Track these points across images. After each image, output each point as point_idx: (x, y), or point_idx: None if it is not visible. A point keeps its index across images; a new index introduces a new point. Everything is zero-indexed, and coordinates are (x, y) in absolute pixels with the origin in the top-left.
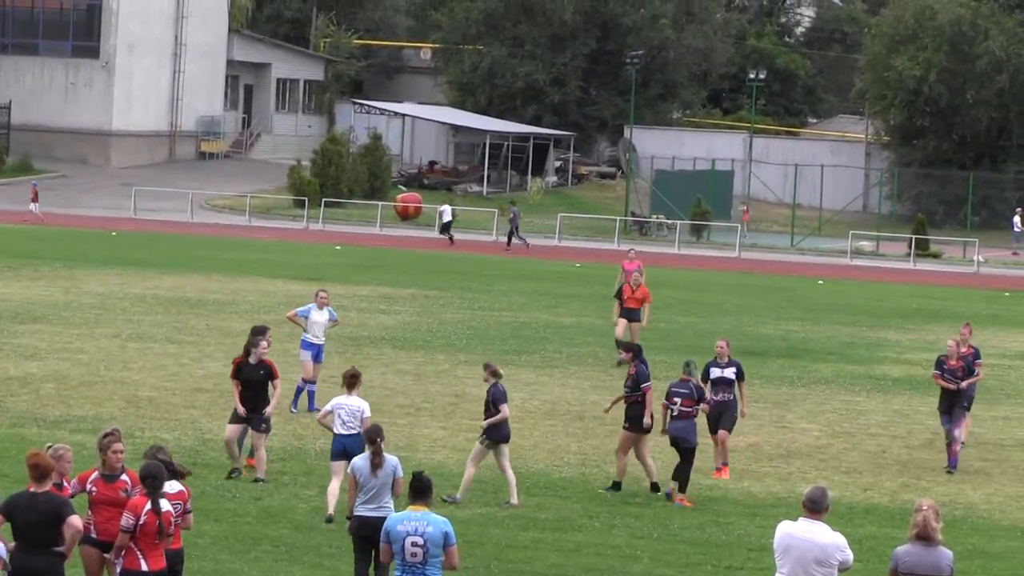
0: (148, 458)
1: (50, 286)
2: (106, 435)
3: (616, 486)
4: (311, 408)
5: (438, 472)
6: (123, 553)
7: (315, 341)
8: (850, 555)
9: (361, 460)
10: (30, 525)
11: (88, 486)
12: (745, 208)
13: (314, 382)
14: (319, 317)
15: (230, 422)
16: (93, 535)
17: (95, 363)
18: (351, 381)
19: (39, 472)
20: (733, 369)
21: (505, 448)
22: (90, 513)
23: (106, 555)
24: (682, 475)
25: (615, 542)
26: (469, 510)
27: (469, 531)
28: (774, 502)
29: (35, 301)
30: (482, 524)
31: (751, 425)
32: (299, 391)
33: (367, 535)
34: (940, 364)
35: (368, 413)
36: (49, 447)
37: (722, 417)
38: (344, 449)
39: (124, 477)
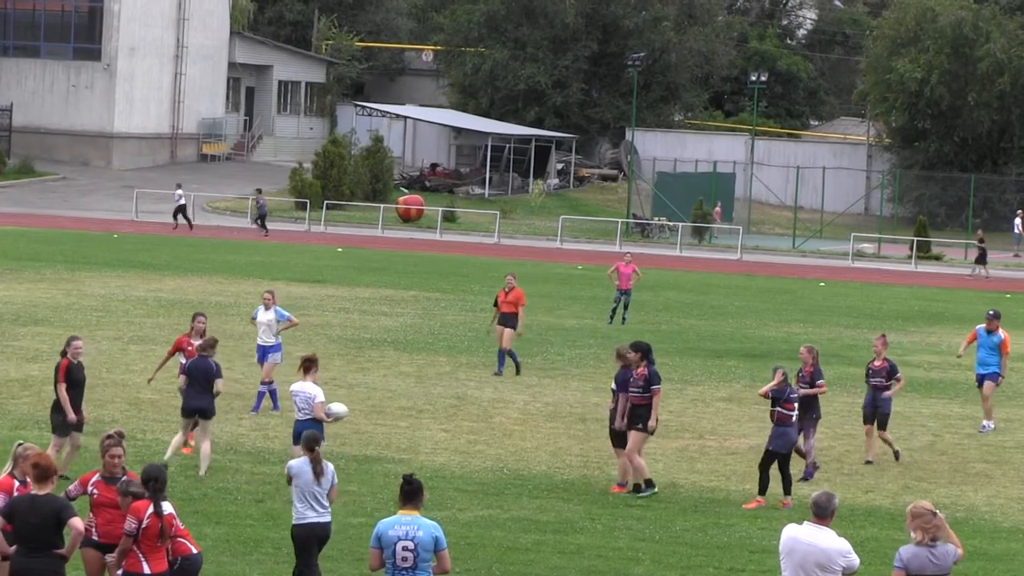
0: (120, 493)
1: (52, 288)
2: (107, 437)
3: (649, 483)
4: (274, 408)
5: (439, 475)
6: (125, 556)
7: (262, 343)
8: (855, 560)
9: (300, 464)
10: (31, 527)
11: (89, 488)
12: (718, 209)
13: (270, 382)
14: (264, 318)
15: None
16: (94, 537)
17: (96, 365)
18: (307, 366)
19: (40, 472)
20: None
21: (206, 424)
22: (91, 515)
23: (107, 557)
24: (790, 476)
25: (617, 544)
26: (471, 512)
27: (471, 533)
28: (776, 504)
29: (37, 303)
30: (483, 526)
31: (753, 427)
32: (259, 395)
33: (312, 541)
34: (799, 373)
35: (321, 398)
36: (20, 444)
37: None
38: (300, 434)
39: (125, 479)
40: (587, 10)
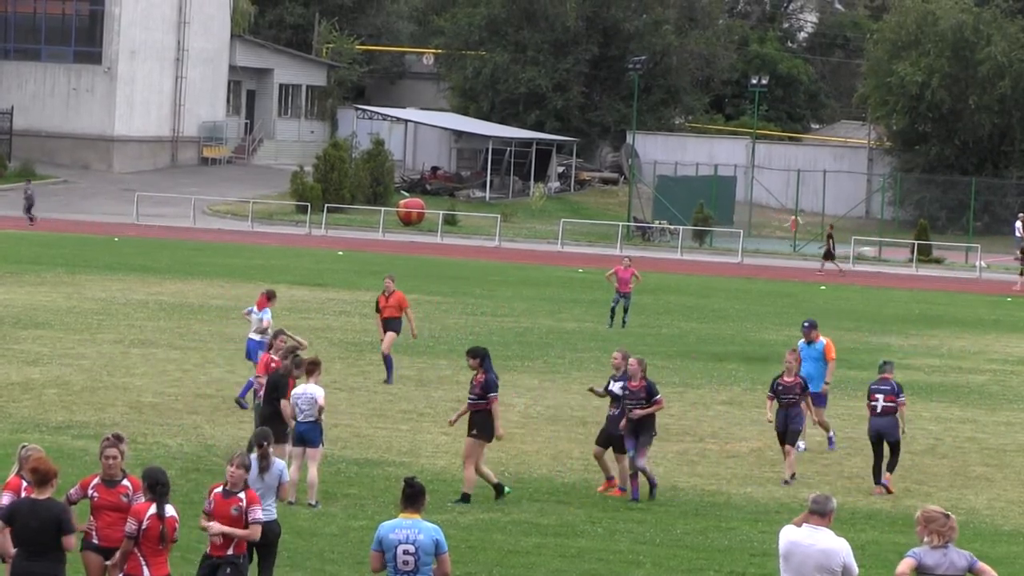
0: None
1: (52, 292)
2: (104, 440)
3: (466, 498)
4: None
5: (440, 478)
6: (126, 560)
7: (262, 338)
8: (853, 561)
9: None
10: (31, 531)
11: (90, 491)
12: (794, 218)
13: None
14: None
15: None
16: (95, 540)
17: (97, 369)
18: (310, 368)
19: (39, 477)
20: (621, 384)
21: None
22: (92, 518)
23: (107, 562)
24: (893, 462)
25: (617, 547)
26: (471, 516)
27: (472, 536)
28: (777, 507)
29: (37, 307)
30: (484, 529)
31: (754, 430)
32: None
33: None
34: (624, 387)
35: (322, 401)
36: (23, 447)
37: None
38: (300, 436)
39: (125, 482)
40: (588, 13)
